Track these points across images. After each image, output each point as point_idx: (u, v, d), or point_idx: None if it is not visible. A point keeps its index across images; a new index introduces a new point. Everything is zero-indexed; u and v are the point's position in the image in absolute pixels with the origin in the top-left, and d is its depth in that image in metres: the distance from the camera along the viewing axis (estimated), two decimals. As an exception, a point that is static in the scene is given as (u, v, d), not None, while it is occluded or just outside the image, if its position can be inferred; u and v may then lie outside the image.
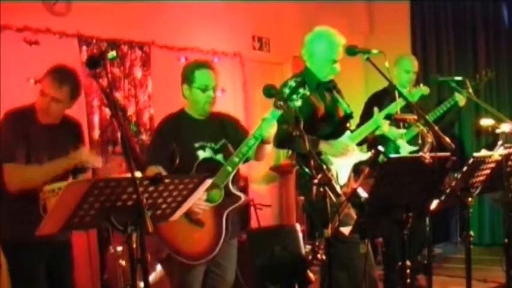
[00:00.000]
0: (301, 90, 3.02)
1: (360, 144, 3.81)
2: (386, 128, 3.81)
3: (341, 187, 3.47)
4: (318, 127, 3.67)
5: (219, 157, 3.34)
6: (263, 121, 3.21)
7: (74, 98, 3.29)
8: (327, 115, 3.75)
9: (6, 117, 3.25)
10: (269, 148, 3.40)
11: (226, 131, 3.43)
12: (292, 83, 3.05)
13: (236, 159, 3.22)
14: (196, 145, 3.32)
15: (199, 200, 3.11)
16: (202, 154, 3.31)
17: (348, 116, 3.83)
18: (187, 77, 3.34)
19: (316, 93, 3.76)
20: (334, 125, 3.78)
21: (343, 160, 3.70)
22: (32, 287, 3.22)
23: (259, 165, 5.48)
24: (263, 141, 3.24)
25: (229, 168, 3.22)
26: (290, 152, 3.89)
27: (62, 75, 3.21)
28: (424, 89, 4.65)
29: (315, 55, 3.78)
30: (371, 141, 3.86)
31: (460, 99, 4.93)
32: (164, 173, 3.13)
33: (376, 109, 3.81)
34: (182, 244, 3.22)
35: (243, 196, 3.30)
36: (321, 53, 3.75)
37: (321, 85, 3.80)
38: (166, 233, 3.14)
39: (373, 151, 2.77)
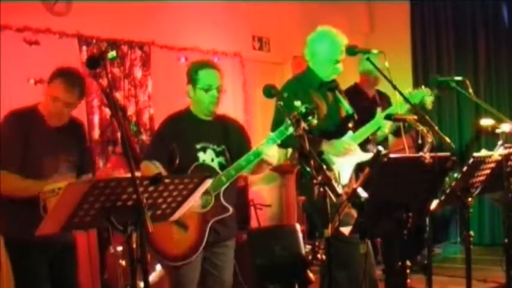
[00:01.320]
0: (310, 118, 2.96)
1: (361, 144, 3.81)
2: (387, 128, 3.82)
3: (343, 187, 3.47)
4: (320, 127, 3.67)
5: (220, 160, 3.32)
6: (266, 142, 3.15)
7: (82, 98, 3.31)
8: (329, 115, 3.75)
9: (6, 119, 3.23)
10: (268, 167, 3.38)
11: (229, 135, 3.40)
12: (303, 109, 2.95)
13: (232, 172, 3.20)
14: (198, 146, 3.30)
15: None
16: (202, 156, 3.30)
17: (350, 117, 3.82)
18: (191, 77, 3.32)
19: (319, 93, 3.75)
20: (336, 125, 3.78)
21: (345, 160, 3.69)
22: (35, 287, 3.22)
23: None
24: (263, 161, 3.21)
25: (224, 179, 3.21)
26: (290, 152, 3.89)
27: (73, 79, 3.19)
28: (425, 91, 4.62)
29: (317, 55, 3.77)
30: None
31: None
32: (160, 168, 3.14)
33: (378, 109, 3.82)
34: (162, 243, 3.20)
35: (231, 209, 3.29)
36: (323, 53, 3.74)
37: (323, 85, 3.79)
38: None
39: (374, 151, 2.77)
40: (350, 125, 3.81)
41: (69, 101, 3.19)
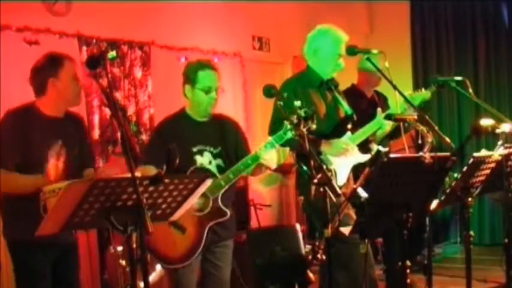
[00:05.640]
0: (309, 123, 2.93)
1: (361, 145, 3.80)
2: (388, 128, 3.81)
3: (340, 187, 3.46)
4: (318, 127, 3.66)
5: (218, 162, 3.32)
6: (264, 147, 3.15)
7: None
8: (327, 115, 3.75)
9: (3, 119, 3.21)
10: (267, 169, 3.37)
11: (226, 135, 3.40)
12: (302, 114, 2.92)
13: (231, 176, 3.20)
14: (195, 149, 3.29)
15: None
16: (200, 159, 3.29)
17: (349, 117, 3.81)
18: (189, 78, 3.29)
19: (318, 92, 3.74)
20: (334, 126, 3.77)
21: (342, 160, 3.69)
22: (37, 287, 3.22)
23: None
24: (261, 164, 3.22)
25: (222, 183, 3.21)
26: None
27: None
28: (425, 93, 4.60)
29: (320, 50, 3.75)
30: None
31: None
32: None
33: (379, 110, 3.81)
34: (159, 246, 3.20)
35: (229, 212, 3.28)
36: (326, 48, 3.73)
37: (323, 84, 3.78)
38: None
39: (374, 152, 2.76)
40: (349, 126, 3.80)
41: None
